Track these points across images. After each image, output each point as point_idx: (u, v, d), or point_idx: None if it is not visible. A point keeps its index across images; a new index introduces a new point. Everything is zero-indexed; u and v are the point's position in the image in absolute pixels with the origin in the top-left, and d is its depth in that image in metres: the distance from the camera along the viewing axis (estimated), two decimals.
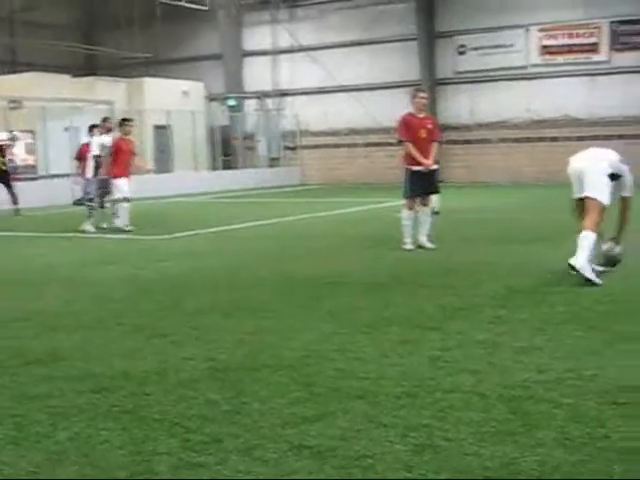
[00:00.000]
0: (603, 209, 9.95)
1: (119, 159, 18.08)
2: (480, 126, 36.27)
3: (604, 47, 34.04)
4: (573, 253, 9.62)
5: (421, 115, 14.09)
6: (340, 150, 39.26)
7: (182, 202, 28.60)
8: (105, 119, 20.16)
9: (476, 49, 36.25)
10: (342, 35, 38.44)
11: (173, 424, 5.07)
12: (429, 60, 36.95)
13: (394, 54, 37.45)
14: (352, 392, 5.60)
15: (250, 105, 41.18)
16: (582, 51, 34.35)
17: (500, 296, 9.09)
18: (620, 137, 33.38)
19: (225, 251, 14.29)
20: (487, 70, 35.82)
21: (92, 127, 19.46)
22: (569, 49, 34.60)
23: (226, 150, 39.14)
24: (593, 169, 10.15)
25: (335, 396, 5.52)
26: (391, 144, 28.84)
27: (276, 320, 8.11)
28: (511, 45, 35.49)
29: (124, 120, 19.12)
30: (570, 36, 34.55)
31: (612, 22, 33.67)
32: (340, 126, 39.07)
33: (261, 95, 40.94)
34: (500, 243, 14.02)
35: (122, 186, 18.09)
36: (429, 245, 13.44)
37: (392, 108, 37.08)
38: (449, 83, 37.18)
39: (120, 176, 18.11)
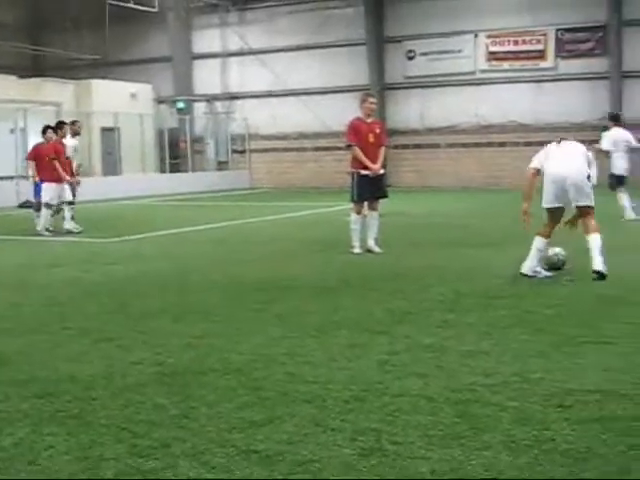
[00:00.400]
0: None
1: (45, 163, 17.88)
2: (430, 131, 36.50)
3: (550, 54, 34.46)
4: (521, 258, 9.69)
5: (369, 120, 14.15)
6: (289, 154, 39.26)
7: (130, 205, 28.41)
8: (73, 122, 20.00)
9: (425, 54, 36.48)
10: (291, 39, 38.47)
11: (120, 429, 5.02)
12: (378, 65, 37.11)
13: (343, 58, 37.55)
14: (300, 396, 5.59)
15: (199, 108, 41.06)
16: (529, 58, 34.74)
17: (448, 300, 9.14)
18: None
19: (174, 254, 14.20)
20: (436, 75, 36.07)
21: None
22: (516, 55, 34.98)
23: (174, 153, 38.96)
24: (582, 178, 10.28)
25: (283, 400, 5.51)
26: (340, 148, 28.88)
27: (225, 324, 8.08)
28: (459, 51, 35.78)
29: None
30: (517, 43, 34.92)
31: (558, 30, 34.12)
32: (289, 130, 39.07)
33: (210, 98, 40.82)
34: (449, 247, 14.10)
35: (46, 191, 17.89)
36: (377, 249, 13.49)
37: (341, 112, 37.15)
38: (398, 88, 37.35)
39: (47, 180, 17.92)
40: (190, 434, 4.90)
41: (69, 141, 19.01)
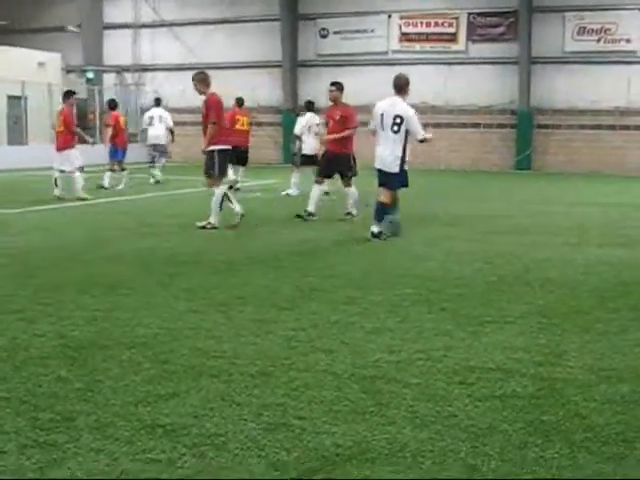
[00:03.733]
0: None
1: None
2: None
3: (462, 37, 34.84)
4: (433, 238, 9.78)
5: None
6: (199, 128, 38.78)
7: (36, 175, 27.83)
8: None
9: (338, 33, 36.53)
10: (205, 12, 38.14)
11: (21, 402, 4.95)
12: (291, 42, 37.06)
13: (257, 34, 37.39)
14: (206, 370, 5.60)
15: (109, 79, 40.41)
16: (440, 40, 35.07)
17: (355, 278, 9.21)
18: (475, 125, 34.32)
19: (81, 226, 13.99)
20: (349, 54, 36.15)
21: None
22: (428, 37, 35.28)
23: (83, 124, 38.23)
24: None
25: (189, 374, 5.51)
26: (251, 124, 28.71)
27: (131, 297, 8.02)
28: (372, 30, 35.93)
29: None
30: (429, 25, 35.21)
31: (470, 13, 34.51)
32: (199, 103, 38.62)
33: (120, 69, 40.23)
34: (352, 224, 14.18)
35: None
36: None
37: (253, 88, 37.18)
38: (311, 65, 37.35)
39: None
40: (94, 407, 4.87)
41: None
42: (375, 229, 12.07)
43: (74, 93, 19.83)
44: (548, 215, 16.43)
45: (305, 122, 21.47)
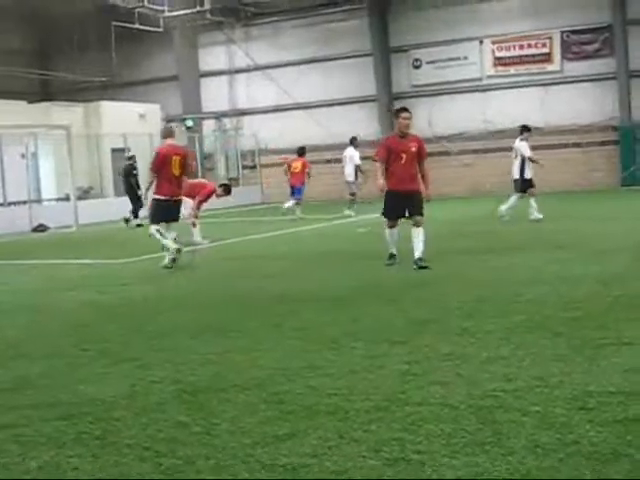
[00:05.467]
0: None
1: None
2: (439, 138, 36.45)
3: (556, 57, 34.44)
4: (542, 261, 9.66)
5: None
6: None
7: (145, 225, 28.42)
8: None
9: (431, 62, 36.50)
10: (297, 53, 38.56)
11: (144, 448, 5.03)
12: (385, 75, 37.17)
13: (350, 70, 37.62)
14: (322, 409, 5.59)
15: (208, 125, 41.14)
16: (535, 61, 34.73)
17: (467, 307, 9.13)
18: (576, 145, 33.81)
19: (190, 272, 14.22)
20: (443, 83, 36.09)
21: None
22: (522, 60, 34.98)
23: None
24: None
25: (305, 413, 5.51)
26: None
27: (243, 339, 8.09)
28: (465, 57, 35.80)
29: None
30: (522, 47, 34.91)
31: (563, 32, 34.11)
32: (298, 144, 39.04)
33: (219, 115, 40.90)
34: (465, 254, 14.07)
35: None
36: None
37: (350, 124, 37.39)
38: (406, 97, 37.33)
39: None
40: (213, 450, 4.91)
41: None
42: None
43: None
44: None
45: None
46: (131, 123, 35.47)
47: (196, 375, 6.73)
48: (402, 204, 12.98)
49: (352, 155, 28.12)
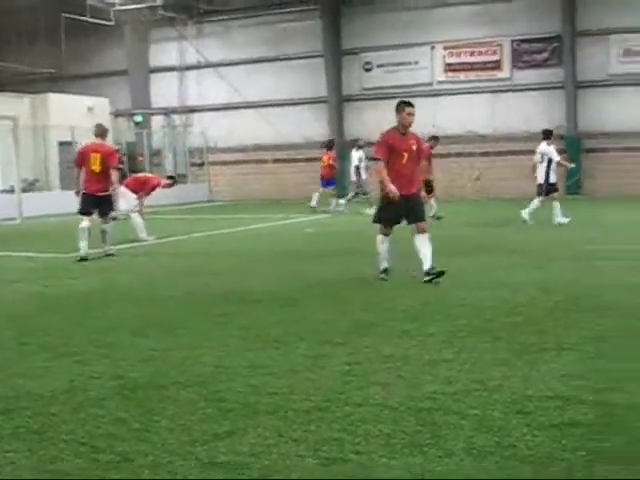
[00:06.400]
0: None
1: None
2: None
3: (506, 65, 34.79)
4: (485, 267, 9.74)
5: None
6: (248, 166, 39.22)
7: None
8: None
9: (382, 66, 36.66)
10: (249, 51, 38.53)
11: (81, 444, 4.99)
12: (336, 77, 37.26)
13: (301, 71, 37.66)
14: (262, 407, 5.60)
15: (157, 121, 40.90)
16: (485, 69, 35.04)
17: (411, 310, 9.18)
18: (523, 152, 34.14)
19: (135, 268, 14.14)
20: (393, 87, 36.20)
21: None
22: (472, 66, 35.27)
23: (133, 167, 38.71)
24: None
25: (245, 412, 5.51)
26: (299, 160, 29.15)
27: (186, 336, 8.06)
28: (416, 62, 36.01)
29: None
30: (473, 54, 35.22)
31: (513, 40, 34.47)
32: (248, 142, 39.04)
33: (168, 111, 40.69)
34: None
35: None
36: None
37: (299, 124, 37.47)
38: (356, 100, 37.50)
39: None
40: (152, 447, 4.88)
41: None
42: None
43: None
44: (603, 240, 16.22)
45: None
46: (79, 116, 35.10)
47: (137, 371, 6.69)
48: (402, 209, 11.36)
49: (352, 156, 28.63)
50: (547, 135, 21.14)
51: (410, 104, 11.67)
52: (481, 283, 10.97)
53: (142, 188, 19.15)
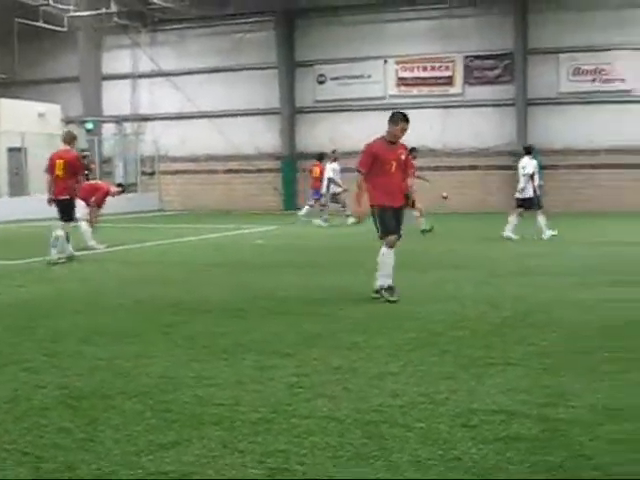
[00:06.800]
0: None
1: None
2: (340, 155, 36.68)
3: (458, 80, 35.11)
4: (440, 281, 9.79)
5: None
6: (199, 176, 39.11)
7: (38, 226, 27.90)
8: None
9: (336, 79, 36.81)
10: (202, 61, 38.45)
11: (23, 453, 4.93)
12: (289, 88, 37.34)
13: (254, 82, 37.66)
14: (208, 418, 5.57)
15: (108, 129, 40.62)
16: (437, 84, 35.33)
17: (359, 322, 9.20)
18: (474, 167, 34.47)
19: (83, 276, 14.02)
20: (346, 100, 36.39)
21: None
22: (425, 81, 35.54)
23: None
24: None
25: (191, 423, 5.48)
26: (250, 171, 29.22)
27: (133, 346, 8.00)
28: (369, 76, 36.21)
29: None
30: (425, 69, 35.50)
31: (466, 57, 34.80)
32: (199, 152, 38.94)
33: (120, 119, 40.44)
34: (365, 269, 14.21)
35: None
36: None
37: (252, 135, 37.45)
38: (309, 112, 37.59)
39: None
40: (96, 457, 4.84)
41: None
42: None
43: None
44: (553, 256, 16.40)
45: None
46: (30, 122, 34.81)
47: (83, 380, 6.64)
48: (396, 221, 11.00)
49: (326, 168, 28.12)
50: (529, 150, 21.49)
51: (407, 120, 11.04)
52: (431, 297, 11.04)
53: (91, 195, 19.06)
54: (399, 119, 11.04)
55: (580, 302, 10.51)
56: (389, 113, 11.39)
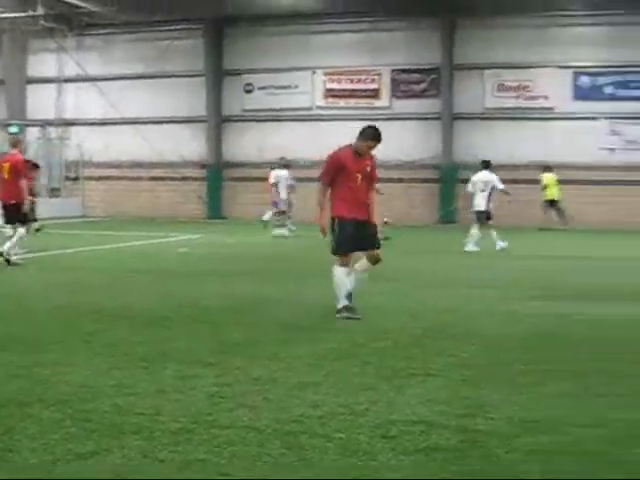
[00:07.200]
0: None
1: None
2: (268, 164, 36.67)
3: (385, 93, 35.39)
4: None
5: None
6: (124, 183, 38.73)
7: None
8: None
9: (263, 88, 36.79)
10: (129, 67, 38.09)
11: None
12: (216, 97, 37.22)
13: (181, 89, 37.44)
14: (128, 428, 5.52)
15: (32, 133, 39.99)
16: (364, 96, 35.56)
17: (280, 332, 9.21)
18: (399, 180, 34.70)
19: (2, 281, 13.81)
20: (273, 110, 36.41)
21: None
22: (352, 93, 35.74)
23: None
24: None
25: (110, 432, 5.43)
26: (175, 179, 29.01)
27: (52, 353, 7.89)
28: (297, 86, 36.28)
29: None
30: (352, 81, 35.70)
31: (393, 70, 35.10)
32: (124, 158, 38.58)
33: (44, 123, 39.85)
34: (282, 279, 14.21)
35: None
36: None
37: (178, 143, 37.24)
38: (236, 121, 37.52)
39: None
40: (13, 467, 4.77)
41: None
42: None
43: None
44: (480, 269, 16.60)
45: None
46: None
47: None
48: (358, 236, 10.40)
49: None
50: (487, 164, 21.95)
51: (378, 140, 10.59)
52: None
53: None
54: (369, 137, 10.54)
55: (500, 315, 10.67)
56: (316, 124, 11.50)
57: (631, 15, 32.58)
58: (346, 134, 36.37)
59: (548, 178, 32.15)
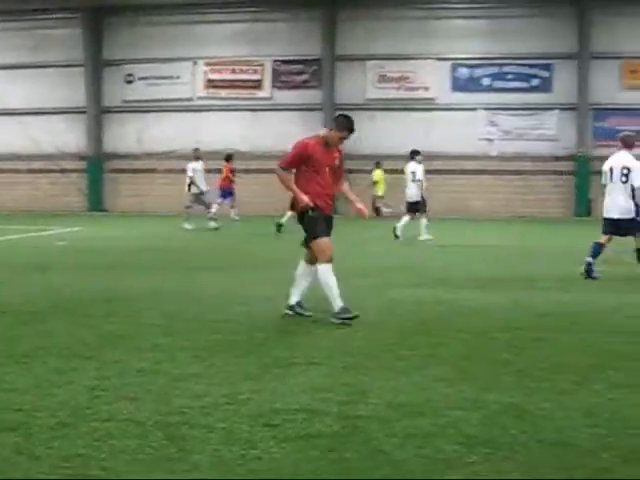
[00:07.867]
0: None
1: None
2: (148, 155, 36.32)
3: (267, 84, 35.40)
4: (241, 282, 9.80)
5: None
6: (1, 175, 37.79)
7: None
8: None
9: (144, 79, 36.45)
10: (5, 56, 37.17)
11: None
12: (96, 87, 36.70)
13: (60, 79, 36.76)
14: (4, 424, 5.39)
15: None
16: (246, 87, 35.51)
17: (162, 324, 9.12)
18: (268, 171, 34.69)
19: None
20: (154, 100, 36.06)
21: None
22: (233, 84, 35.64)
23: None
24: None
25: None
26: (54, 170, 28.48)
27: None
28: (178, 77, 36.02)
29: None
30: (234, 72, 35.60)
31: (275, 61, 35.14)
32: (1, 150, 37.64)
33: None
34: (166, 271, 14.08)
35: None
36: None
37: (56, 134, 36.52)
38: (116, 111, 37.02)
39: None
40: None
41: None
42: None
43: None
44: (354, 257, 16.73)
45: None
46: None
47: None
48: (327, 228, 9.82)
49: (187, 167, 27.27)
50: (415, 155, 22.25)
51: (352, 130, 9.93)
52: (240, 298, 11.05)
53: None
54: (344, 128, 9.81)
55: (384, 302, 10.78)
56: (197, 115, 11.41)
57: (508, 8, 33.43)
58: (228, 125, 36.60)
59: (378, 174, 32.92)
